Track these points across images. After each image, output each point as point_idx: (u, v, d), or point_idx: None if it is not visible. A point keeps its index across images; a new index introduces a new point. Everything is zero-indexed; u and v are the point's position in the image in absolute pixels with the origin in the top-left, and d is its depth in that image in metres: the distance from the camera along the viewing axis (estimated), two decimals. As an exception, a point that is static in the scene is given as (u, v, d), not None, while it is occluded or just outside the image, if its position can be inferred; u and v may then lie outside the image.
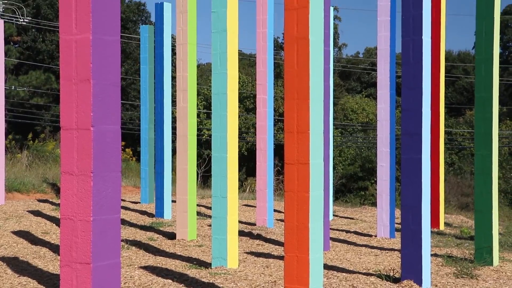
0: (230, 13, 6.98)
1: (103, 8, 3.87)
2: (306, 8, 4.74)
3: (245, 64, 46.29)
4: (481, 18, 7.43)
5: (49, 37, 37.51)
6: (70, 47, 3.93)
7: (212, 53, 7.05)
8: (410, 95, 6.11)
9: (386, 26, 9.89)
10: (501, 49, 51.75)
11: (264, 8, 10.81)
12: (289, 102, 4.82)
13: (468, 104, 47.91)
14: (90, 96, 3.88)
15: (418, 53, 6.06)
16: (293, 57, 4.79)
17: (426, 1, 6.07)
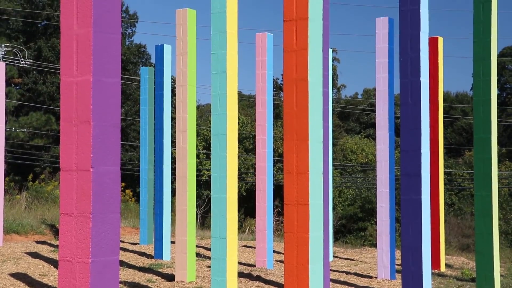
0: (230, 55, 7.04)
1: (104, 50, 3.91)
2: (305, 50, 4.79)
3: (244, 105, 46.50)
4: (478, 60, 7.50)
5: (50, 79, 37.76)
6: (70, 89, 3.96)
7: (212, 94, 7.09)
8: (409, 136, 6.13)
9: (385, 67, 9.97)
10: (499, 90, 52.06)
11: (263, 50, 10.90)
12: (289, 143, 4.83)
13: (467, 145, 47.98)
14: (90, 138, 3.89)
15: (416, 94, 6.10)
16: (292, 98, 4.82)
17: (423, 44, 6.14)
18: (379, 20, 10.06)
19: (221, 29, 7.14)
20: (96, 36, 3.82)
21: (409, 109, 6.13)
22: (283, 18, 4.96)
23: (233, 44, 7.11)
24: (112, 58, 3.95)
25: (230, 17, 7.15)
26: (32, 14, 38.80)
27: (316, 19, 4.91)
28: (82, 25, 3.82)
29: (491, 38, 7.43)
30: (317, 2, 4.93)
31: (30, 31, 39.49)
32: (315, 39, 4.89)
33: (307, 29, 4.83)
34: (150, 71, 13.35)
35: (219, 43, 7.06)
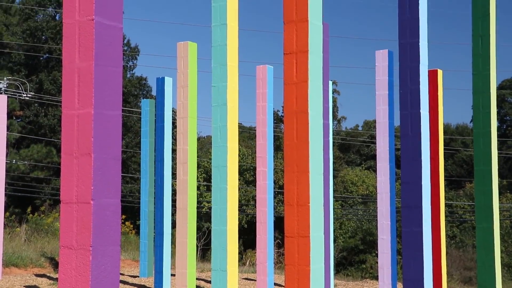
0: (230, 88, 7.08)
1: (105, 83, 3.93)
2: (305, 82, 4.82)
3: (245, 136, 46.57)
4: (478, 93, 7.54)
5: (51, 111, 37.89)
6: (72, 122, 3.98)
7: (213, 126, 7.11)
8: (409, 168, 6.13)
9: (385, 100, 10.01)
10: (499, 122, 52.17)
11: (263, 82, 10.96)
12: (289, 175, 4.83)
13: (468, 177, 47.91)
14: (90, 170, 3.89)
15: (416, 126, 6.12)
16: (293, 130, 4.84)
17: (423, 76, 6.17)
18: (379, 53, 10.14)
19: (222, 62, 7.19)
20: (98, 69, 3.85)
21: (409, 141, 6.15)
22: (284, 51, 5.00)
23: (234, 76, 7.16)
24: (113, 91, 3.98)
25: (231, 50, 7.20)
26: (34, 47, 39.09)
27: (316, 52, 4.95)
28: (84, 58, 3.86)
29: (490, 71, 7.47)
30: (317, 35, 4.97)
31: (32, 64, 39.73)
32: (315, 71, 4.92)
33: (307, 62, 4.86)
34: (151, 103, 13.40)
35: (219, 76, 7.11)
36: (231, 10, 7.20)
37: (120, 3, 3.97)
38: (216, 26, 7.20)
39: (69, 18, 3.91)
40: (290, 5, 4.95)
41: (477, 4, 7.57)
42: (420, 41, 6.16)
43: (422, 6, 6.21)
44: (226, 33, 7.18)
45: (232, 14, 7.23)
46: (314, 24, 4.93)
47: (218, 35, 7.21)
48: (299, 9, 4.92)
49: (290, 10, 4.95)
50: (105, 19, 3.88)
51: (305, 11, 4.89)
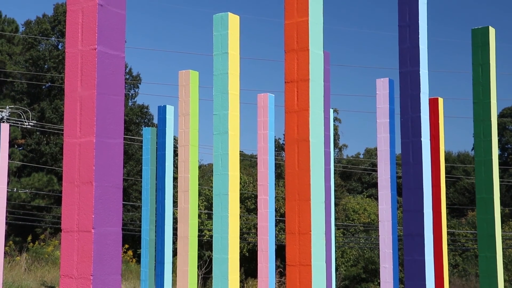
0: (232, 116, 7.10)
1: (107, 112, 3.95)
2: (307, 110, 4.83)
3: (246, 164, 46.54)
4: (479, 121, 7.55)
5: (53, 140, 37.95)
6: (73, 150, 3.99)
7: (214, 154, 7.12)
8: (411, 196, 6.12)
9: (386, 127, 10.03)
10: (500, 150, 52.17)
11: (265, 110, 11.00)
12: (290, 203, 4.82)
13: (470, 205, 47.76)
14: (92, 198, 3.89)
15: (417, 154, 6.12)
16: (294, 158, 4.84)
17: (424, 104, 6.19)
18: (379, 81, 10.18)
19: (223, 90, 7.22)
20: (100, 98, 3.87)
21: (411, 169, 6.14)
22: (285, 79, 5.02)
23: (235, 105, 7.18)
24: (115, 120, 3.99)
25: (232, 79, 7.24)
26: (36, 76, 39.28)
27: (317, 80, 4.97)
28: (86, 87, 3.88)
29: (490, 99, 7.50)
30: (318, 64, 5.00)
31: (34, 93, 39.91)
32: (316, 100, 4.94)
33: (309, 90, 4.88)
34: (153, 132, 13.43)
35: (221, 104, 7.13)
36: (232, 39, 7.25)
37: (123, 33, 4.00)
38: (218, 55, 7.24)
39: (71, 47, 3.94)
40: (291, 34, 4.99)
41: (477, 33, 7.62)
42: (421, 70, 6.19)
43: (422, 35, 6.25)
44: (227, 62, 7.22)
45: (234, 43, 7.28)
46: (315, 53, 4.96)
47: (220, 64, 7.25)
48: (300, 38, 4.95)
49: (291, 39, 4.99)
50: (108, 49, 3.91)
51: (306, 40, 4.92)
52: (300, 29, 4.96)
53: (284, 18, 5.05)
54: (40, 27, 39.86)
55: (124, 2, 3.99)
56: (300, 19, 4.96)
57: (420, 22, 6.23)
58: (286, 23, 5.03)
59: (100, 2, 3.84)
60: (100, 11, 3.85)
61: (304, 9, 4.95)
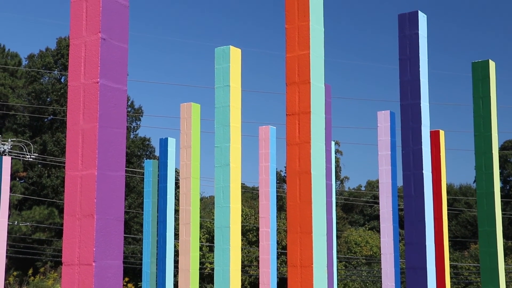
0: (233, 148, 7.11)
1: (109, 145, 3.96)
2: (308, 143, 4.84)
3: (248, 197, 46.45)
4: (480, 154, 7.55)
5: (55, 172, 37.95)
6: (75, 183, 3.99)
7: (215, 186, 7.12)
8: (413, 229, 6.10)
9: (387, 160, 10.03)
10: (502, 183, 52.07)
11: (266, 142, 11.01)
12: (292, 236, 4.81)
13: (473, 238, 47.51)
14: (93, 231, 3.88)
15: (419, 187, 6.11)
16: (296, 190, 4.84)
17: (425, 137, 6.21)
18: (381, 113, 10.21)
19: (225, 122, 7.24)
20: (102, 131, 3.88)
21: (413, 201, 6.13)
22: (286, 112, 5.04)
23: (237, 137, 7.19)
24: (117, 152, 4.00)
25: (234, 111, 7.26)
26: (39, 109, 39.45)
27: (318, 113, 4.99)
28: (88, 120, 3.89)
29: (491, 132, 7.51)
30: (319, 96, 5.02)
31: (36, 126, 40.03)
32: (317, 132, 4.95)
33: (310, 123, 4.90)
34: (154, 164, 13.43)
35: (222, 137, 7.15)
36: (234, 72, 7.30)
37: (125, 66, 4.03)
38: (220, 88, 7.28)
39: (74, 80, 3.97)
40: (293, 67, 5.02)
41: (477, 66, 7.67)
42: (422, 102, 6.21)
43: (422, 68, 6.29)
44: (229, 95, 7.26)
45: (235, 76, 7.33)
46: (316, 86, 4.99)
47: (221, 97, 7.29)
48: (301, 71, 4.98)
49: (293, 72, 5.02)
50: (110, 82, 3.93)
51: (307, 73, 4.95)
52: (302, 62, 4.99)
53: (286, 51, 5.09)
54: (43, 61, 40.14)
55: (126, 36, 4.03)
56: (301, 52, 5.00)
57: (420, 55, 6.27)
58: (288, 56, 5.07)
59: (103, 36, 3.88)
60: (103, 45, 3.88)
61: (305, 42, 4.99)
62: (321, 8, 5.09)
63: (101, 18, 3.85)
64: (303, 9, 4.99)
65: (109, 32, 3.91)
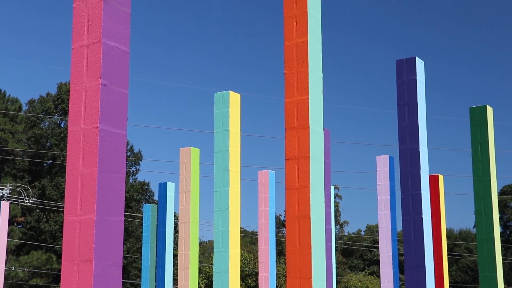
0: (232, 192, 7.11)
1: (108, 189, 3.96)
2: (307, 187, 4.84)
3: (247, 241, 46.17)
4: (479, 199, 7.55)
5: (53, 217, 37.79)
6: (73, 228, 3.97)
7: (214, 231, 7.09)
8: (413, 274, 6.05)
9: (387, 204, 10.01)
10: (502, 228, 51.84)
11: (265, 187, 11.00)
12: (292, 281, 4.77)
13: (473, 283, 47.08)
14: (91, 277, 3.85)
15: (419, 232, 6.09)
16: (295, 235, 4.82)
17: (424, 181, 6.21)
18: (380, 158, 10.23)
19: (224, 167, 7.25)
20: (101, 175, 3.89)
21: (412, 246, 6.10)
22: (285, 156, 5.06)
23: (236, 181, 7.19)
24: (116, 197, 3.99)
25: (233, 156, 7.28)
26: (38, 154, 39.49)
27: (317, 158, 5.01)
28: (87, 165, 3.90)
29: (490, 177, 7.52)
30: (318, 141, 5.04)
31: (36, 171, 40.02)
32: (316, 176, 4.96)
33: (309, 167, 4.91)
34: (153, 209, 13.39)
35: (222, 181, 7.15)
36: (233, 117, 7.34)
37: (125, 111, 4.06)
38: (219, 132, 7.31)
39: (74, 125, 3.99)
40: (292, 112, 5.06)
41: (475, 112, 7.72)
42: (420, 147, 6.23)
43: (421, 113, 6.33)
44: (228, 139, 7.28)
45: (235, 120, 7.36)
46: (315, 130, 5.01)
47: (221, 141, 7.31)
48: (300, 116, 5.02)
49: (292, 117, 5.05)
50: (110, 127, 3.95)
51: (306, 118, 4.98)
52: (300, 107, 5.02)
53: (285, 96, 5.13)
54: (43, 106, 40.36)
55: (127, 81, 4.06)
56: (300, 98, 5.04)
57: (418, 100, 6.32)
58: (287, 101, 5.11)
59: (103, 82, 3.91)
60: (103, 90, 3.91)
61: (304, 87, 5.04)
62: (320, 54, 5.15)
63: (101, 64, 3.89)
64: (302, 55, 5.04)
65: (110, 77, 3.95)
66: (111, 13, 3.94)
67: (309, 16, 5.04)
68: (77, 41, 3.98)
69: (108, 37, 3.93)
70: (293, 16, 5.11)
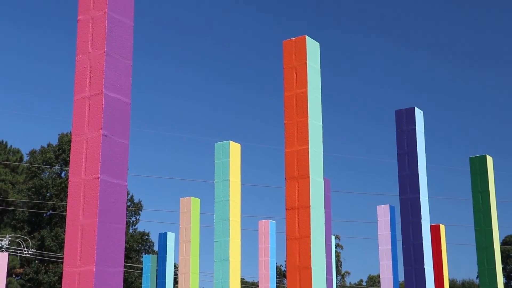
0: (233, 243, 7.07)
1: (108, 240, 3.94)
2: (308, 237, 4.82)
3: (247, 293, 45.61)
4: (481, 248, 7.51)
5: (52, 268, 37.45)
6: (73, 279, 3.94)
7: (215, 282, 7.03)
8: (416, 326, 5.98)
9: (388, 254, 9.95)
10: (505, 279, 51.30)
11: (266, 237, 10.95)
12: (293, 334, 4.71)
13: (478, 334, 46.38)
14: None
15: (421, 282, 6.04)
16: (296, 286, 4.78)
17: (425, 231, 6.18)
18: (380, 207, 10.21)
19: (224, 217, 7.23)
20: (101, 226, 3.88)
21: (415, 297, 6.04)
22: (286, 206, 5.05)
23: (236, 231, 7.17)
24: (115, 248, 3.97)
25: (233, 206, 7.27)
26: (38, 204, 39.39)
27: (318, 207, 5.00)
28: (87, 216, 3.89)
29: (492, 227, 7.50)
30: (318, 190, 5.04)
31: (35, 221, 39.85)
32: (317, 226, 4.94)
33: (310, 217, 4.90)
34: (153, 259, 13.30)
35: (222, 231, 7.12)
36: (233, 167, 7.35)
37: (125, 162, 4.07)
38: (219, 182, 7.31)
39: (75, 176, 3.99)
40: (292, 162, 5.07)
41: (475, 161, 7.74)
42: (421, 197, 6.23)
43: (421, 162, 6.35)
44: (228, 189, 7.28)
45: (235, 170, 7.37)
46: (315, 180, 5.02)
47: (221, 191, 7.31)
48: (300, 165, 5.03)
49: (292, 167, 5.06)
50: (110, 177, 3.96)
51: (306, 167, 5.00)
52: (301, 157, 5.04)
53: (285, 146, 5.16)
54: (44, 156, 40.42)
55: (127, 132, 4.09)
56: (300, 148, 5.06)
57: (418, 150, 6.34)
58: (287, 151, 5.13)
59: (104, 133, 3.93)
60: (104, 141, 3.93)
61: (304, 137, 5.06)
62: (319, 104, 5.19)
63: (103, 115, 3.92)
64: (302, 105, 5.08)
65: (111, 128, 3.97)
66: (113, 65, 3.99)
67: (308, 67, 5.10)
68: (79, 93, 4.02)
69: (109, 89, 3.97)
70: (292, 67, 5.17)
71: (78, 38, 4.06)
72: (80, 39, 4.04)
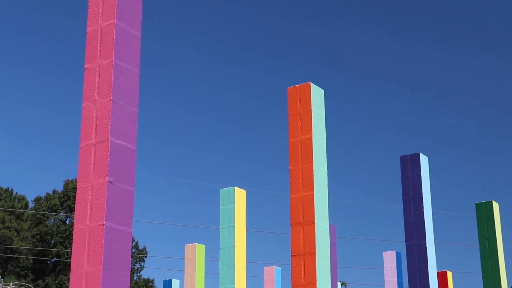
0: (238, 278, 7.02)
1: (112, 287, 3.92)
2: (314, 284, 4.79)
3: None
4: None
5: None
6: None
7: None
8: None
9: (395, 302, 9.84)
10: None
11: (271, 283, 10.87)
12: None
13: None
14: None
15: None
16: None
17: (432, 278, 6.13)
18: (386, 254, 10.14)
19: (230, 263, 7.18)
20: (106, 273, 3.86)
21: None
22: (291, 252, 5.03)
23: (242, 278, 7.12)
24: (120, 295, 3.95)
25: (238, 252, 7.23)
26: (43, 251, 39.21)
27: (323, 254, 4.98)
28: (92, 263, 3.88)
29: (500, 274, 7.43)
30: (324, 237, 5.03)
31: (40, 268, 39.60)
32: (323, 273, 4.91)
33: (315, 264, 4.87)
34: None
35: (227, 278, 7.07)
36: (239, 213, 7.34)
37: (131, 209, 4.07)
38: (224, 228, 7.29)
39: (80, 223, 3.99)
40: (297, 208, 5.07)
41: (480, 207, 7.71)
42: (427, 243, 6.20)
43: (426, 208, 6.33)
44: (234, 235, 7.25)
45: (240, 216, 7.36)
46: (320, 226, 5.00)
47: (226, 237, 7.28)
48: (305, 211, 5.02)
49: (297, 213, 5.06)
50: (115, 224, 3.95)
51: (311, 213, 4.99)
52: (306, 203, 5.04)
53: (290, 192, 5.16)
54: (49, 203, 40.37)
55: (133, 179, 4.10)
56: (305, 194, 5.06)
57: (424, 196, 6.33)
58: (292, 197, 5.12)
59: (110, 180, 3.95)
60: (109, 188, 3.95)
61: (309, 183, 5.07)
62: (324, 150, 5.21)
63: (108, 162, 3.94)
64: (307, 151, 5.10)
65: (116, 175, 3.99)
66: (119, 113, 4.03)
67: (313, 114, 5.13)
68: (85, 140, 4.05)
69: (115, 136, 4.00)
70: (297, 114, 5.21)
71: (84, 86, 4.11)
72: (87, 87, 4.09)
